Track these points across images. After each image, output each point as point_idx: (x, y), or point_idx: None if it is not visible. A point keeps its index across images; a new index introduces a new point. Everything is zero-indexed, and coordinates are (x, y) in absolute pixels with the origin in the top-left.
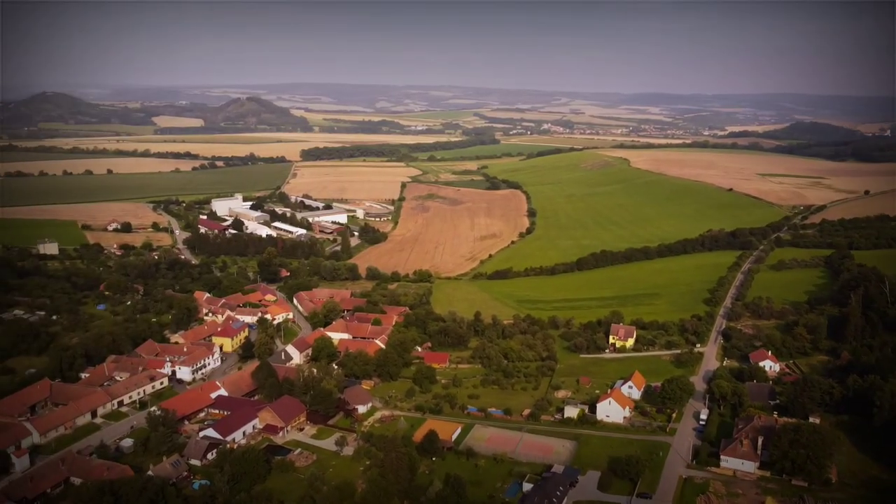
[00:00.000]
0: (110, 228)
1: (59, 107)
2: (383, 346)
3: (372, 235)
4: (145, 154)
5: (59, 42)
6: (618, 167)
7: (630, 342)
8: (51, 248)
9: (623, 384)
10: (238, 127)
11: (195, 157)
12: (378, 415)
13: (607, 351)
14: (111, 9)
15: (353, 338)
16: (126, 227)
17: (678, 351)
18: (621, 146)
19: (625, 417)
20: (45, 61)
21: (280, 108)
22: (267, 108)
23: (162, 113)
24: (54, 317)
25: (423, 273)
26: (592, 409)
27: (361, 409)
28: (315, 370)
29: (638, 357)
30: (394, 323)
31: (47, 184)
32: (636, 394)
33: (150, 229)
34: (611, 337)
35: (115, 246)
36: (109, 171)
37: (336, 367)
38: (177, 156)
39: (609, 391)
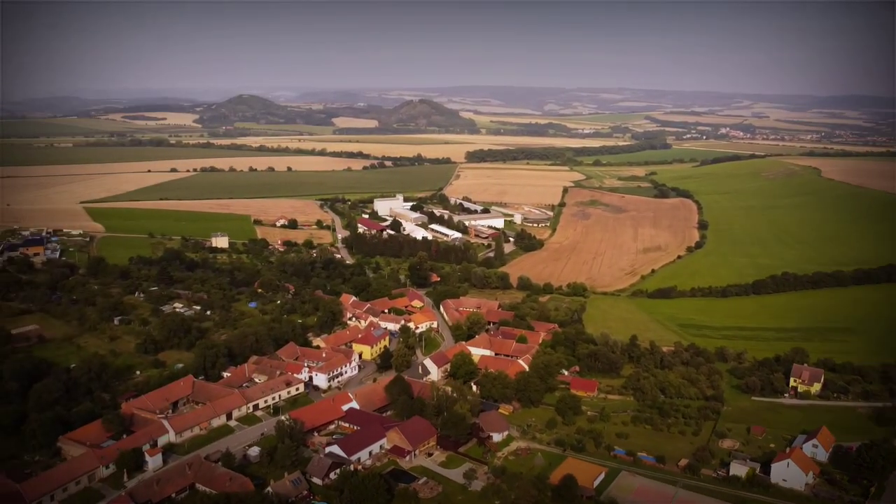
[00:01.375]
0: (278, 224)
1: (253, 108)
2: (526, 367)
3: (528, 242)
4: (322, 153)
5: (255, 47)
6: (806, 177)
7: (816, 387)
8: (222, 242)
9: (806, 441)
10: (409, 128)
11: (366, 156)
12: (514, 446)
13: (787, 395)
14: (310, 18)
15: (496, 355)
16: (292, 224)
17: (879, 404)
18: (810, 154)
19: (806, 484)
20: (247, 67)
21: (450, 110)
22: (437, 111)
23: (341, 114)
24: (208, 312)
25: (577, 286)
26: (765, 469)
27: (497, 437)
28: (450, 389)
29: (825, 407)
30: (540, 341)
31: (233, 179)
32: (822, 455)
33: (314, 226)
34: (792, 379)
35: (279, 242)
36: (289, 169)
37: (474, 386)
38: (350, 155)
39: (788, 449)
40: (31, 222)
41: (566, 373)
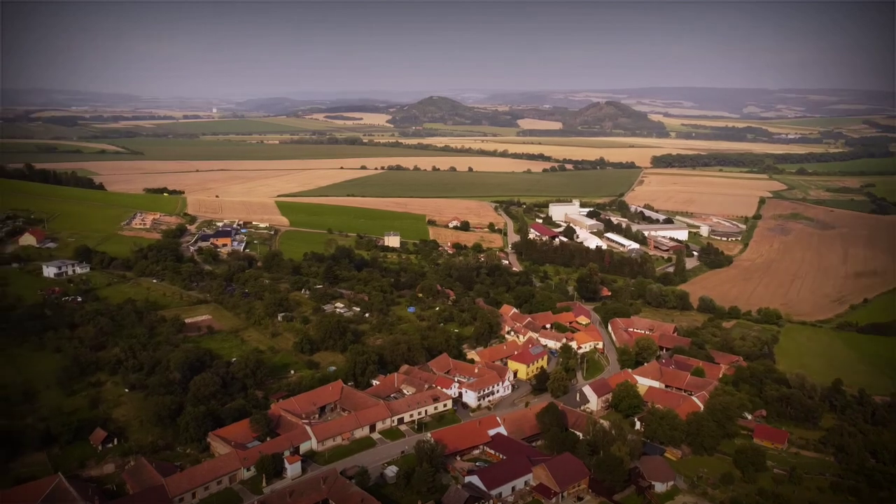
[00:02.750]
0: (450, 225)
1: (441, 109)
2: (701, 405)
3: (714, 258)
4: (503, 154)
5: (447, 50)
6: None
7: None
8: (393, 241)
9: None
10: (594, 131)
11: (547, 158)
12: (679, 500)
13: None
14: (500, 20)
15: (666, 388)
16: (464, 226)
17: None
18: None
19: None
20: (438, 69)
21: (638, 112)
22: (624, 113)
23: (526, 116)
24: (367, 314)
25: (770, 312)
26: None
27: (659, 487)
28: (609, 425)
29: None
30: (720, 376)
31: (416, 178)
32: None
33: (486, 229)
34: None
35: (449, 244)
36: (470, 169)
37: (637, 423)
38: (531, 157)
39: None
40: (229, 214)
41: (749, 417)
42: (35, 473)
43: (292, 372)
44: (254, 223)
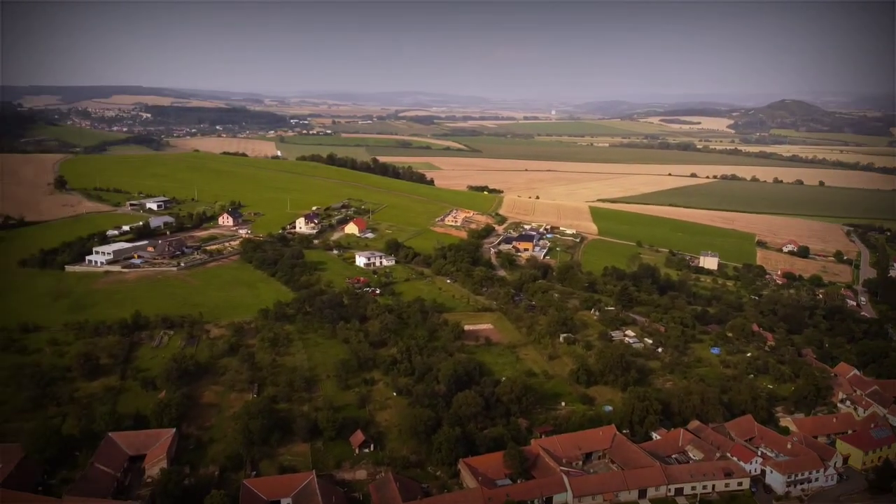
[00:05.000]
0: (784, 250)
1: (794, 114)
2: None
3: None
4: (868, 168)
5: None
6: None
7: None
8: (710, 262)
9: None
10: None
11: None
12: None
13: None
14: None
15: None
16: (802, 251)
17: None
18: None
19: None
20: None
21: None
22: None
23: None
24: (659, 349)
25: None
26: None
27: None
28: None
29: None
30: None
31: (751, 190)
32: None
33: (831, 259)
34: None
35: (779, 272)
36: (821, 184)
37: None
38: None
39: None
40: (539, 216)
41: None
42: (296, 465)
43: (563, 404)
44: (561, 228)
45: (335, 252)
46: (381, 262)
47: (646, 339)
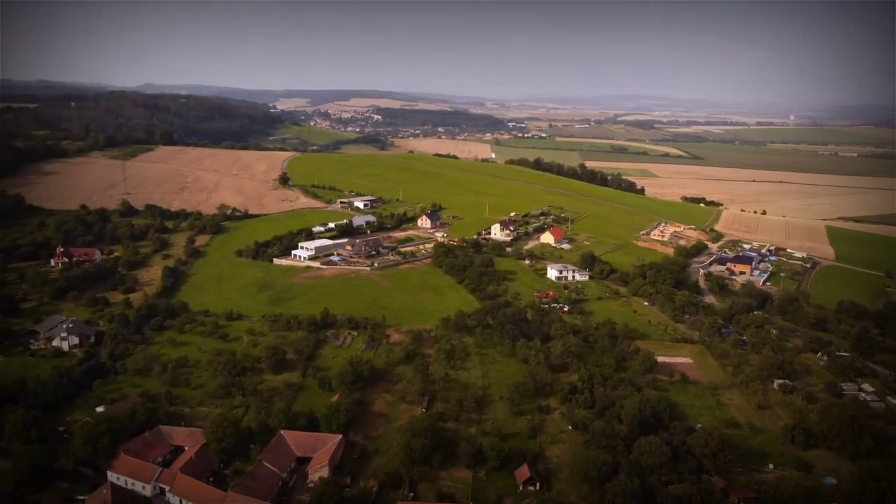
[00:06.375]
0: None
1: None
2: None
3: None
4: None
5: None
6: None
7: None
8: None
9: None
10: None
11: None
12: None
13: None
14: None
15: None
16: None
17: None
18: None
19: None
20: None
21: None
22: None
23: None
24: None
25: None
26: None
27: None
28: None
29: None
30: None
31: None
32: None
33: None
34: None
35: None
36: None
37: None
38: None
39: None
40: (763, 234)
41: None
42: (454, 492)
43: (771, 466)
44: (788, 250)
45: (527, 262)
46: (573, 277)
47: (889, 397)
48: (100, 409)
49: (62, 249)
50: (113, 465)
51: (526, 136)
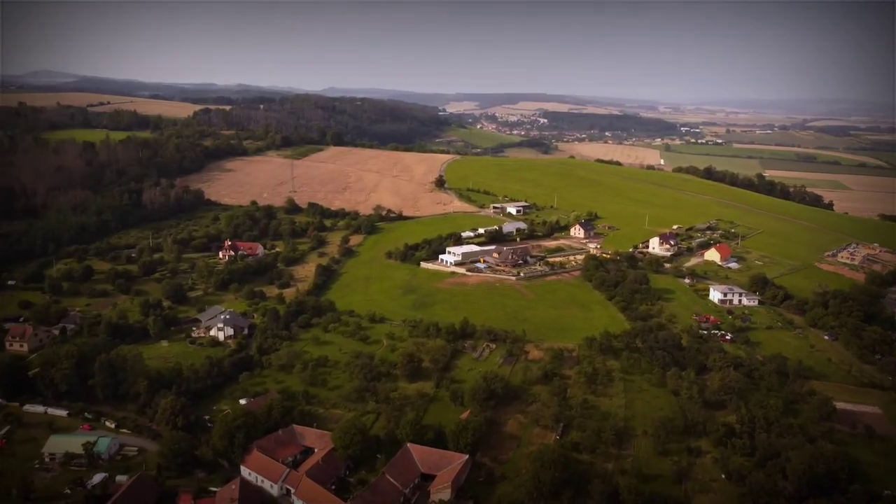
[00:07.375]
0: None
1: None
2: None
3: None
4: None
5: None
6: None
7: None
8: None
9: None
10: None
11: None
12: None
13: None
14: None
15: None
16: None
17: None
18: None
19: None
20: None
21: None
22: None
23: None
24: None
25: None
26: None
27: None
28: None
29: None
30: None
31: None
32: None
33: None
34: None
35: None
36: None
37: None
38: None
39: None
40: None
41: None
42: None
43: None
44: None
45: (687, 281)
46: (740, 301)
47: None
48: (242, 401)
49: (230, 243)
50: (246, 460)
51: (699, 141)
